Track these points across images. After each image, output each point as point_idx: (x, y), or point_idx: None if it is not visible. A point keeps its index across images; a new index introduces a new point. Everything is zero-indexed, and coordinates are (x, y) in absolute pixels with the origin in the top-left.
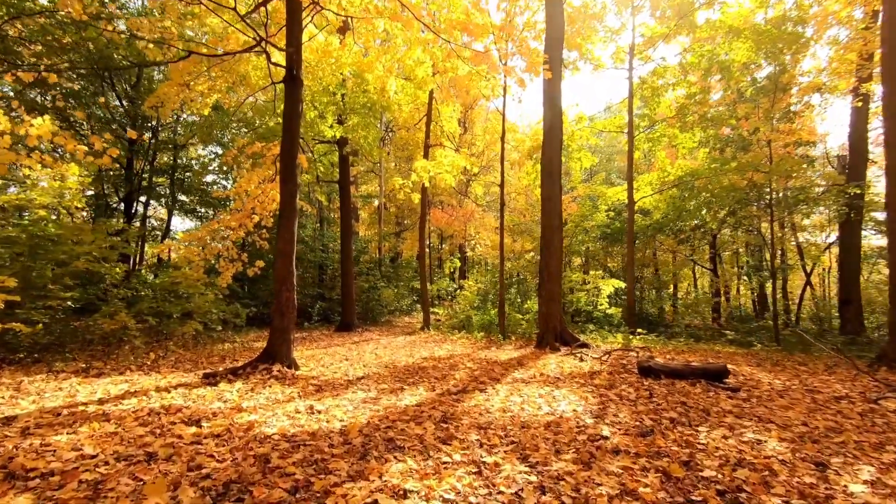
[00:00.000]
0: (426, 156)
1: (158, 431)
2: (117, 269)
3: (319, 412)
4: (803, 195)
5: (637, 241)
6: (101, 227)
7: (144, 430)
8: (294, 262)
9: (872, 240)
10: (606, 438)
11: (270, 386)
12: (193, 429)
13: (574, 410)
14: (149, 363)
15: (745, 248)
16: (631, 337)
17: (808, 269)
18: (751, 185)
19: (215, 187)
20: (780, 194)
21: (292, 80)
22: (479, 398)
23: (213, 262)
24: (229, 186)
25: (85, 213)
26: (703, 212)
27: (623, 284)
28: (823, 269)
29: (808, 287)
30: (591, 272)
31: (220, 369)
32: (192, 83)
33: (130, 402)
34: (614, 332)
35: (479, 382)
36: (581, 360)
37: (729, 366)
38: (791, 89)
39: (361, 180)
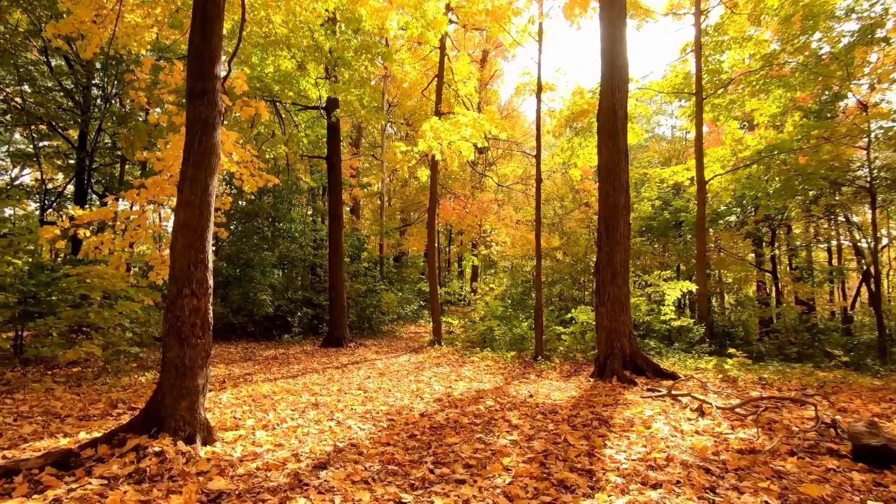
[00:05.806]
0: None
1: None
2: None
3: None
4: None
5: (689, 236)
6: None
7: None
8: (209, 243)
9: None
10: None
11: None
12: None
13: None
14: None
15: (786, 247)
16: (720, 360)
17: (864, 270)
18: (847, 163)
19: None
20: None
21: None
22: None
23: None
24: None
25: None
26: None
27: (694, 287)
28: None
29: (867, 290)
30: (655, 272)
31: (39, 454)
32: (115, 9)
33: None
34: (696, 354)
35: (555, 484)
36: (702, 413)
37: None
38: (892, 45)
39: (363, 173)
